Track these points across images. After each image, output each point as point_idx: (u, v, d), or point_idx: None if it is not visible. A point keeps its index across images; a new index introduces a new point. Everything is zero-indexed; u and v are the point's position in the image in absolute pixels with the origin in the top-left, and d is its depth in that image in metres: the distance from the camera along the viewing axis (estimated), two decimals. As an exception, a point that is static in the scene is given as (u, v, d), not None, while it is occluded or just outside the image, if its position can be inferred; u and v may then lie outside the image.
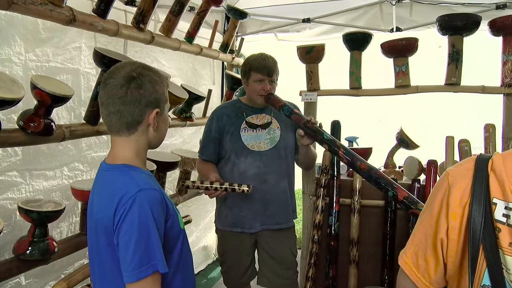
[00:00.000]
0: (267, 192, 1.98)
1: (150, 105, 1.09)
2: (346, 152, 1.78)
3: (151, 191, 1.04)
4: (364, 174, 1.71)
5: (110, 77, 1.08)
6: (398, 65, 2.33)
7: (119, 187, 1.04)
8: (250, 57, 2.01)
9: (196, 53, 2.74)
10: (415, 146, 2.50)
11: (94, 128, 1.88)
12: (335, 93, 2.55)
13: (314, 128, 1.84)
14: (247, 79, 2.00)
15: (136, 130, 1.10)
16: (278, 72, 1.99)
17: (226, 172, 2.01)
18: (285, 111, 1.90)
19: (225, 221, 2.04)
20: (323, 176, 2.47)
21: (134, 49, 2.42)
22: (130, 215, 0.98)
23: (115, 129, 1.10)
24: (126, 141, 1.10)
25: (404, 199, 1.56)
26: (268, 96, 1.94)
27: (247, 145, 1.97)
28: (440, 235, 0.85)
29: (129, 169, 1.08)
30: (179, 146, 2.98)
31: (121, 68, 1.09)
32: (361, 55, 2.44)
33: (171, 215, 1.11)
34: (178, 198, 2.58)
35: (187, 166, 2.54)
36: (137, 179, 1.05)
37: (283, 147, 2.02)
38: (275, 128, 2.03)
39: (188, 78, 3.07)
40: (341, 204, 2.42)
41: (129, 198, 1.00)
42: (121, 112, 1.06)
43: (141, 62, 1.14)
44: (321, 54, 2.45)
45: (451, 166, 0.91)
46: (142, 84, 1.07)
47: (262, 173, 1.97)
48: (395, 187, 1.61)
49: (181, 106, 2.59)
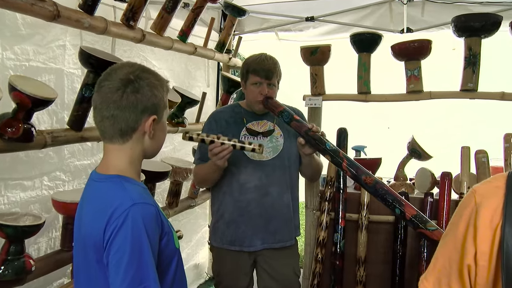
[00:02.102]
0: (269, 206, 1.97)
1: (147, 111, 1.09)
2: (350, 164, 1.78)
3: (145, 205, 1.04)
4: (369, 189, 1.72)
5: (105, 79, 1.09)
6: (410, 69, 2.34)
7: (111, 200, 1.04)
8: (249, 58, 2.02)
9: (189, 53, 2.75)
10: (427, 156, 2.49)
11: (78, 134, 1.87)
12: (341, 98, 2.56)
13: (316, 137, 1.84)
14: (245, 82, 2.00)
15: (131, 138, 1.10)
16: (279, 75, 1.98)
17: (223, 184, 2.00)
18: (284, 117, 1.90)
19: (221, 238, 2.02)
20: (328, 189, 2.47)
21: (122, 48, 2.42)
22: (123, 231, 0.98)
23: (108, 135, 1.10)
24: (120, 150, 1.11)
25: (412, 218, 1.57)
26: (265, 101, 1.93)
27: (247, 154, 1.97)
28: (467, 260, 0.83)
29: (122, 180, 1.08)
30: (170, 154, 2.98)
31: (118, 69, 1.10)
32: (370, 57, 2.45)
33: (166, 233, 1.10)
34: (168, 211, 2.59)
35: (179, 177, 2.54)
36: (131, 192, 1.05)
37: (287, 156, 2.02)
38: (278, 136, 2.03)
39: (181, 80, 3.08)
40: (348, 219, 2.41)
41: (122, 213, 1.00)
42: (115, 117, 1.07)
43: (139, 64, 1.15)
44: (327, 55, 2.46)
45: (477, 183, 0.90)
46: (139, 88, 1.07)
47: (264, 184, 1.96)
48: (402, 204, 1.62)
49: (172, 110, 2.59)
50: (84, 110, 1.84)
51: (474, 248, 0.82)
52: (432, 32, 2.98)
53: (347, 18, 3.24)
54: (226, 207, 1.99)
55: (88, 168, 2.20)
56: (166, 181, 2.63)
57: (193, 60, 3.15)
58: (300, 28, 3.44)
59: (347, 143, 2.45)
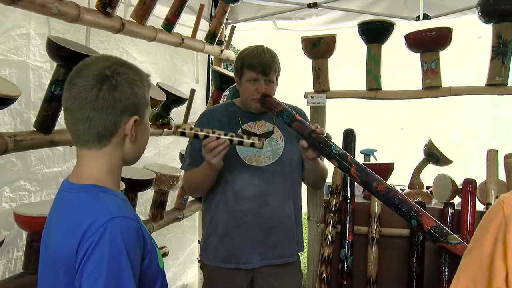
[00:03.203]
0: (269, 217, 1.97)
1: (127, 111, 1.09)
2: (359, 169, 1.78)
3: (126, 220, 1.04)
4: (382, 197, 1.72)
5: (77, 76, 1.08)
6: (427, 62, 2.33)
7: (85, 213, 1.03)
8: (244, 51, 2.02)
9: (176, 45, 2.74)
10: (447, 161, 2.49)
11: (47, 137, 1.84)
12: (348, 95, 2.55)
13: (320, 139, 1.84)
14: (239, 78, 2.01)
15: (109, 142, 1.10)
16: (278, 70, 2.00)
17: (216, 193, 2.00)
18: (284, 117, 1.91)
19: (214, 254, 2.01)
20: (334, 198, 2.46)
21: (98, 39, 2.40)
22: (99, 249, 0.98)
23: (82, 140, 1.10)
24: (96, 156, 1.11)
25: (431, 230, 1.57)
26: (263, 99, 1.94)
27: (243, 158, 1.97)
28: (496, 283, 0.81)
29: (98, 190, 1.08)
30: (154, 159, 2.97)
31: (91, 64, 1.09)
32: (380, 49, 2.44)
33: (149, 251, 1.10)
34: (151, 225, 2.57)
35: (164, 185, 2.53)
36: (108, 204, 1.05)
37: (288, 161, 2.02)
38: (278, 139, 2.04)
39: (166, 75, 3.07)
40: (356, 233, 2.41)
41: (98, 228, 0.99)
42: (91, 119, 1.07)
43: (116, 57, 1.15)
44: (331, 47, 2.45)
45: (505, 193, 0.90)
46: (117, 85, 1.07)
47: (263, 193, 1.97)
48: (420, 214, 1.62)
49: (156, 110, 2.58)
50: (54, 109, 1.82)
51: (505, 269, 0.81)
52: (453, 19, 2.97)
53: (354, 4, 3.24)
54: (220, 219, 1.99)
55: (59, 176, 2.18)
56: (149, 191, 2.62)
57: (180, 52, 3.14)
58: (301, 16, 3.44)
59: (354, 146, 2.45)
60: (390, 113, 3.34)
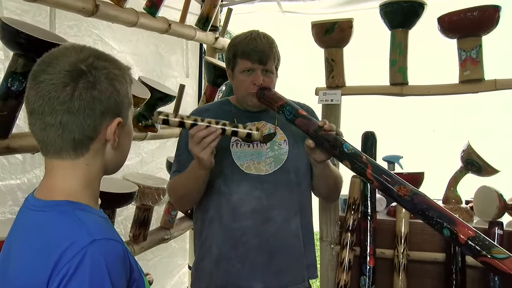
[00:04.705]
0: (272, 236, 1.96)
1: (109, 112, 1.10)
2: (377, 170, 1.73)
3: (109, 242, 1.03)
4: (405, 203, 1.66)
5: (44, 71, 1.06)
6: (466, 50, 2.29)
7: (59, 236, 1.02)
8: (235, 38, 2.04)
9: (161, 31, 2.76)
10: (491, 170, 2.45)
11: (2, 142, 1.84)
12: (368, 91, 2.55)
13: (329, 137, 1.81)
14: (232, 70, 2.03)
15: (87, 150, 1.11)
16: (277, 58, 2.01)
17: (209, 208, 1.99)
18: (286, 113, 1.90)
19: (208, 282, 2.00)
20: (351, 215, 2.45)
21: (66, 23, 2.39)
22: (77, 279, 0.96)
23: (54, 149, 1.09)
24: (71, 166, 1.11)
25: (469, 241, 1.49)
26: (260, 93, 1.94)
27: (240, 166, 1.97)
28: None
29: (75, 208, 1.07)
30: (135, 168, 2.98)
31: (61, 56, 1.08)
32: (407, 35, 2.42)
33: (135, 279, 1.10)
34: (132, 248, 2.57)
35: (148, 199, 2.54)
36: (88, 224, 1.03)
37: (294, 168, 2.02)
38: (281, 142, 2.04)
39: (150, 68, 3.09)
40: (379, 257, 2.40)
41: (77, 254, 0.97)
42: (64, 124, 1.06)
43: (90, 47, 1.14)
44: (348, 34, 2.44)
45: None
46: (96, 81, 1.07)
47: (264, 207, 1.96)
48: (453, 221, 1.55)
49: (139, 110, 2.59)
50: (11, 109, 1.81)
51: None
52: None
53: (374, -19, 3.27)
54: (214, 239, 1.98)
55: (17, 190, 2.18)
56: (130, 206, 2.65)
57: (166, 41, 3.15)
58: (311, -4, 3.51)
59: (375, 152, 2.44)
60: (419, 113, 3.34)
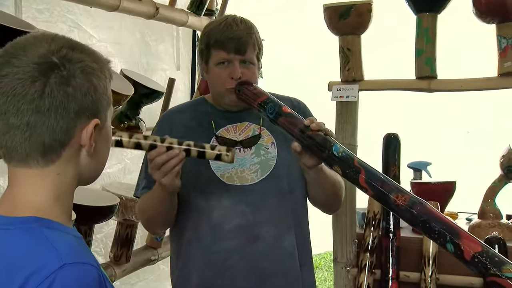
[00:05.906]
0: (262, 257, 1.92)
1: (84, 112, 1.07)
2: (371, 176, 1.69)
3: (83, 267, 1.00)
4: (403, 213, 1.62)
5: (8, 63, 1.04)
6: (506, 37, 2.27)
7: (23, 259, 0.99)
8: (208, 25, 2.03)
9: (148, 16, 2.81)
10: None
11: None
12: (389, 86, 2.58)
13: (317, 138, 1.77)
14: (206, 63, 2.00)
15: (59, 157, 1.07)
16: (258, 46, 1.99)
17: (186, 228, 1.97)
18: (268, 111, 1.86)
19: None
20: (370, 232, 2.48)
21: (35, 7, 2.40)
22: None
23: (19, 155, 1.06)
24: (40, 176, 1.08)
25: (476, 257, 1.44)
26: (239, 88, 1.91)
27: (220, 176, 1.94)
28: None
29: (42, 225, 1.03)
30: (117, 177, 3.00)
31: (29, 46, 1.05)
32: (436, 20, 2.42)
33: None
34: (113, 270, 2.57)
35: (131, 214, 2.53)
36: (58, 246, 1.00)
37: (285, 175, 1.98)
38: (268, 145, 2.01)
39: (135, 60, 3.12)
40: (403, 281, 2.41)
41: (44, 280, 0.94)
42: (32, 126, 1.03)
43: (64, 36, 1.12)
44: (366, 18, 2.47)
45: None
46: (70, 76, 1.04)
47: (251, 224, 1.92)
48: (458, 234, 1.49)
49: (121, 108, 2.60)
50: None
51: None
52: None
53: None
54: (194, 264, 1.95)
55: None
56: (111, 222, 2.66)
57: (153, 27, 3.20)
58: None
59: (399, 157, 2.43)
60: (450, 112, 3.36)
